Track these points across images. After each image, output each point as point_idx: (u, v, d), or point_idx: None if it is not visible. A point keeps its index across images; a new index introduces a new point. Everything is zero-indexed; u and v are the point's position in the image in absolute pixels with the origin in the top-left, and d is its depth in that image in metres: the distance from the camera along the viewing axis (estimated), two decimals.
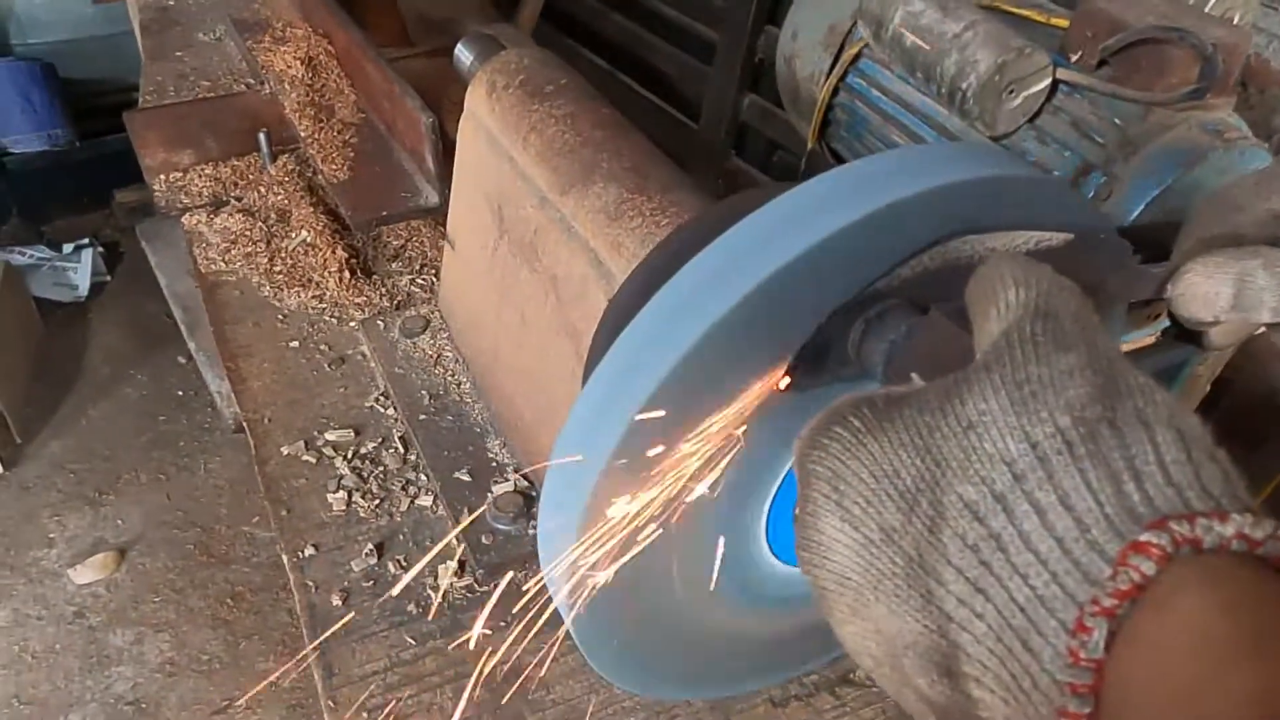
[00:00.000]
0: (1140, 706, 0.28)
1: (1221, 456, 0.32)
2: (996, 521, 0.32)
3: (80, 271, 2.97)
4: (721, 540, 0.60)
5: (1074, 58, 0.84)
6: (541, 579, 0.58)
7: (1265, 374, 1.23)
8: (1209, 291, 0.52)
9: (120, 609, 2.16)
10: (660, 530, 0.55)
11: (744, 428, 0.53)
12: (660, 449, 0.51)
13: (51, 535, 2.31)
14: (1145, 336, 0.94)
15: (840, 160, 1.16)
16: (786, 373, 0.52)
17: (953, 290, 0.42)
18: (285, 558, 0.87)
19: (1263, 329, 0.62)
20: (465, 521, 0.87)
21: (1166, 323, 0.86)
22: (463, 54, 1.04)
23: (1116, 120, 0.81)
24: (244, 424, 1.00)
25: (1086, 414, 0.32)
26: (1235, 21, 0.88)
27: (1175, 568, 0.29)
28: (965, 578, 0.32)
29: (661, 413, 0.50)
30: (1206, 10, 0.88)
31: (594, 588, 0.56)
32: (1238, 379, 1.26)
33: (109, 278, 3.04)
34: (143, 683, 2.03)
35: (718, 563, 0.61)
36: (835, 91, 1.08)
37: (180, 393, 2.69)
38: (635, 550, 0.55)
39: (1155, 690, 0.27)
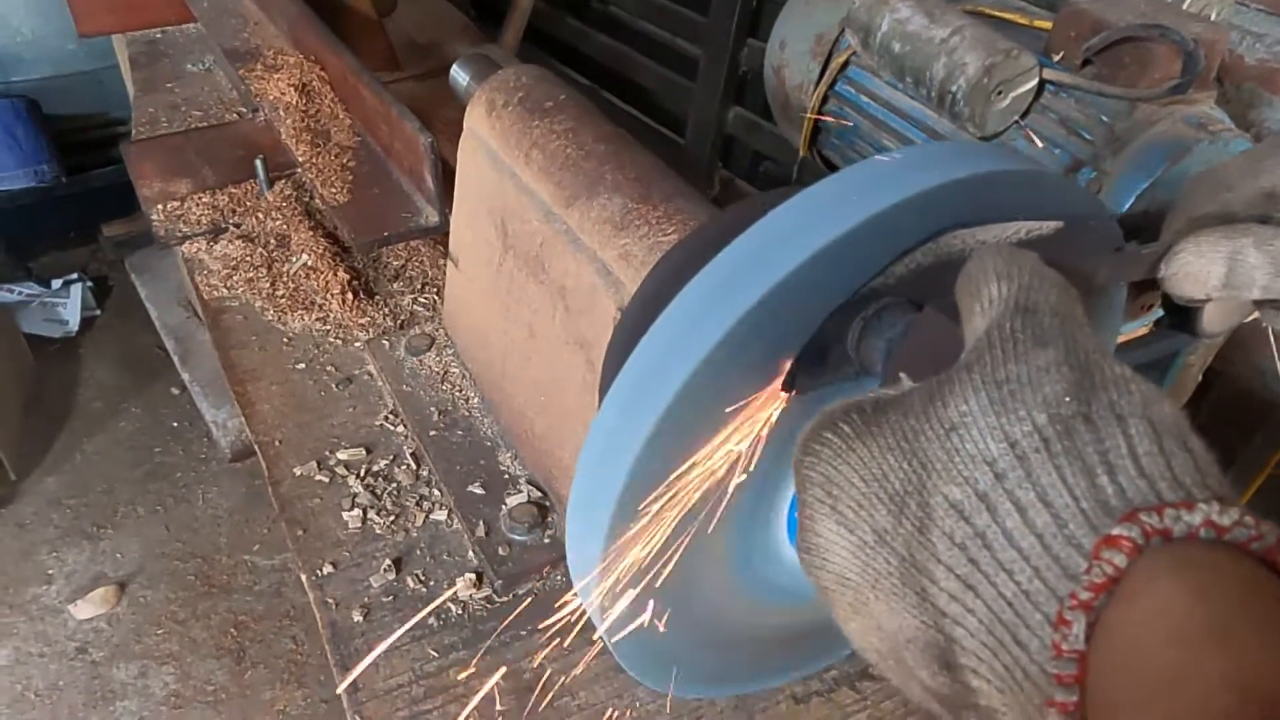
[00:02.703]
0: (1122, 692, 0.29)
1: (1195, 445, 0.33)
2: (981, 520, 0.33)
3: (70, 307, 2.97)
4: (743, 534, 0.62)
5: (1058, 58, 0.87)
6: (570, 589, 0.59)
7: (1256, 364, 1.25)
8: (1201, 270, 0.53)
9: (123, 643, 2.15)
10: (687, 530, 0.56)
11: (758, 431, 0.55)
12: (679, 461, 0.53)
13: (50, 572, 2.29)
14: (1139, 328, 0.96)
15: (832, 167, 1.18)
16: (789, 376, 0.53)
17: (948, 285, 0.44)
18: (304, 576, 0.88)
19: (1254, 315, 0.64)
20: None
21: (1159, 313, 0.88)
22: (459, 75, 1.06)
23: (1103, 117, 0.83)
24: (255, 446, 1.00)
25: (1062, 410, 0.33)
26: (1213, 18, 0.91)
27: (1146, 558, 0.30)
28: (955, 575, 0.33)
29: (676, 427, 0.51)
30: (1184, 7, 0.91)
31: (627, 590, 0.57)
32: (1228, 370, 1.29)
33: (99, 312, 3.03)
34: (148, 716, 2.01)
35: (740, 556, 0.63)
36: (825, 99, 1.10)
37: (175, 424, 2.68)
38: (659, 547, 0.56)
39: (1135, 677, 0.28)
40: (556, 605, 0.66)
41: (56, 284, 3.01)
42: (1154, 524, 0.30)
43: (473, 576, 0.87)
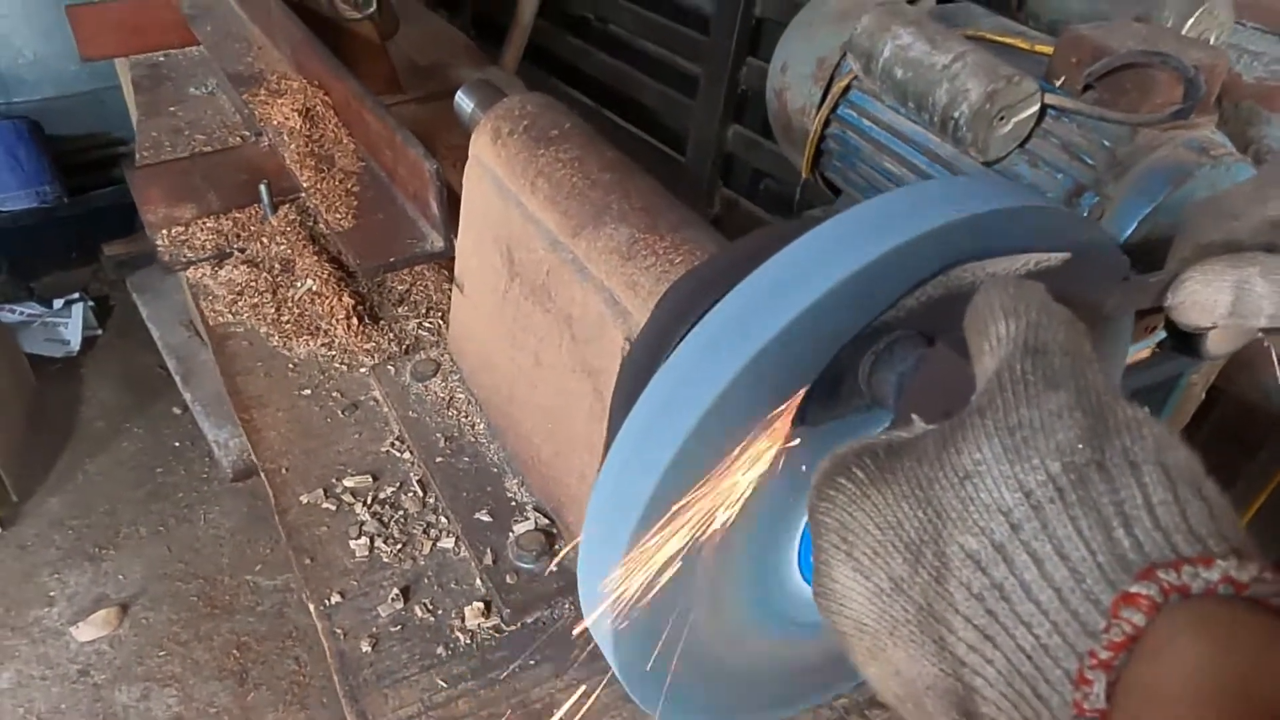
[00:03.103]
0: None
1: (1209, 490, 0.33)
2: (998, 571, 0.33)
3: (71, 326, 2.97)
4: (755, 567, 0.62)
5: (1059, 83, 0.87)
6: (581, 622, 0.59)
7: (1258, 381, 1.25)
8: (1208, 299, 0.53)
9: (125, 665, 2.14)
10: (695, 561, 0.56)
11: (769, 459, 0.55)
12: (692, 490, 0.53)
13: (52, 593, 2.29)
14: (1142, 350, 0.96)
15: (834, 189, 1.18)
16: (800, 408, 0.53)
17: (958, 316, 0.44)
18: (312, 606, 0.88)
19: (1259, 334, 0.65)
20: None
21: (1163, 335, 0.88)
22: (463, 101, 1.07)
23: (1105, 142, 0.84)
24: (261, 474, 1.00)
25: (1076, 458, 0.33)
26: (1212, 42, 0.92)
27: (1166, 615, 0.30)
28: (973, 625, 0.33)
29: (690, 462, 0.51)
30: (1183, 32, 0.91)
31: (633, 619, 0.57)
32: (1231, 388, 1.29)
33: (100, 331, 3.03)
34: None
35: (750, 588, 0.63)
36: (827, 123, 1.11)
37: (177, 444, 2.68)
38: (671, 579, 0.56)
39: None
40: (553, 626, 0.66)
41: (58, 304, 3.02)
42: (1172, 581, 0.30)
43: (481, 605, 0.87)
